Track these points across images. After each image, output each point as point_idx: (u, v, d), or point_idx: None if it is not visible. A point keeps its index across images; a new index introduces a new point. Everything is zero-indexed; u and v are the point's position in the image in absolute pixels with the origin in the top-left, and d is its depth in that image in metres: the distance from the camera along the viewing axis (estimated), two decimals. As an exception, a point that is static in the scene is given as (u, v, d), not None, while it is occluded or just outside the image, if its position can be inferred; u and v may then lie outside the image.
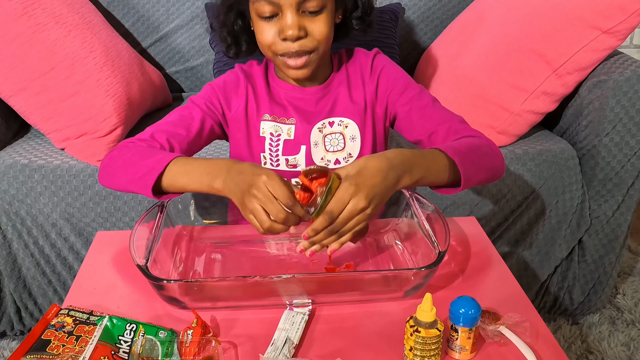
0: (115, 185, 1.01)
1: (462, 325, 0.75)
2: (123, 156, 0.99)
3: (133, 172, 0.95)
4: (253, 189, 0.82)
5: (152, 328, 0.79)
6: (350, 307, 0.86)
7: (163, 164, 0.92)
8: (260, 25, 1.01)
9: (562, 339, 1.64)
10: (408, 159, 0.88)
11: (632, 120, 1.43)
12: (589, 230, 1.59)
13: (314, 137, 1.11)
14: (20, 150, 1.51)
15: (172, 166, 0.92)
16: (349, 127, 1.12)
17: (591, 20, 1.40)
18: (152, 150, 0.99)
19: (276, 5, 0.97)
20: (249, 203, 0.82)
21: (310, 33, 0.99)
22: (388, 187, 0.84)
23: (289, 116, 1.12)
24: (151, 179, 0.91)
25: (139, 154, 0.97)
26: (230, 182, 0.86)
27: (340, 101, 1.12)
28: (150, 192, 0.92)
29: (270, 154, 1.12)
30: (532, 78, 1.47)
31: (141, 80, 1.65)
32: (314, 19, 0.99)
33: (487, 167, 0.98)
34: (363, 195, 0.81)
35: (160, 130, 1.05)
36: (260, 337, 0.80)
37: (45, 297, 1.56)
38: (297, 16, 0.97)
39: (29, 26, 1.42)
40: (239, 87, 1.12)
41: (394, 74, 1.13)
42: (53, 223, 1.46)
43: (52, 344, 0.76)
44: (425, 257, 0.89)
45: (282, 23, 0.98)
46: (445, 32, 1.81)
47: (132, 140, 1.03)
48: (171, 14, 1.91)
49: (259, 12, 0.99)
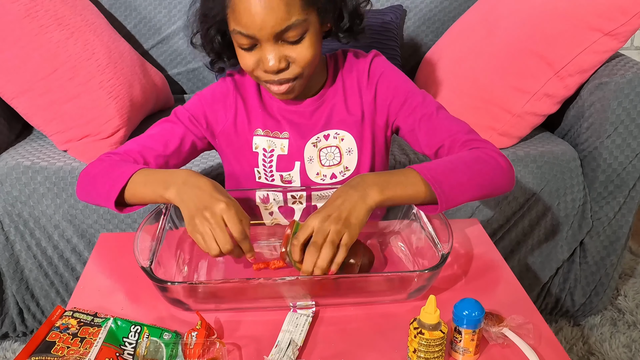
0: (89, 200, 1.01)
1: (465, 327, 0.75)
2: (95, 170, 0.99)
3: (101, 185, 0.95)
4: (207, 211, 0.83)
5: (156, 330, 0.80)
6: (353, 309, 0.87)
7: (127, 175, 0.92)
8: (240, 52, 0.97)
9: (564, 341, 1.64)
10: (372, 179, 0.89)
11: (633, 122, 1.44)
12: (590, 231, 1.60)
13: (308, 153, 1.08)
14: (23, 152, 1.51)
15: (135, 177, 0.92)
16: (345, 139, 1.08)
17: (593, 22, 1.40)
18: (122, 163, 0.98)
19: (253, 38, 0.92)
20: (199, 224, 0.83)
21: (293, 61, 0.95)
22: (353, 203, 0.85)
23: (283, 130, 1.08)
24: (115, 190, 0.92)
25: (109, 167, 0.97)
26: (184, 194, 0.87)
27: (336, 112, 1.08)
28: (113, 205, 0.92)
29: (265, 170, 1.10)
30: (534, 80, 1.48)
31: (143, 82, 1.65)
32: (296, 47, 0.94)
33: (478, 184, 0.93)
34: (325, 214, 0.84)
35: (137, 144, 1.04)
36: (264, 338, 0.80)
37: (48, 298, 1.56)
38: (277, 47, 0.93)
39: (32, 28, 1.43)
40: (227, 99, 1.08)
41: (394, 81, 1.07)
42: (56, 225, 1.46)
43: (56, 345, 0.76)
44: (429, 260, 0.89)
45: (262, 54, 0.94)
46: (447, 34, 1.81)
47: (108, 154, 1.03)
48: (173, 15, 1.91)
49: (237, 43, 0.96)
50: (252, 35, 0.91)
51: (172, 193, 0.88)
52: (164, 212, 0.96)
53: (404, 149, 1.53)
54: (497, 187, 0.97)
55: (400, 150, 1.53)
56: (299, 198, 1.08)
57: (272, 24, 0.89)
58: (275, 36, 0.91)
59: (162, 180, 0.90)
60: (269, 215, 1.10)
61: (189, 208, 0.85)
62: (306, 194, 1.08)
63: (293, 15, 0.90)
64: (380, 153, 1.11)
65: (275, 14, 0.89)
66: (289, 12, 0.89)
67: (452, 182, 0.90)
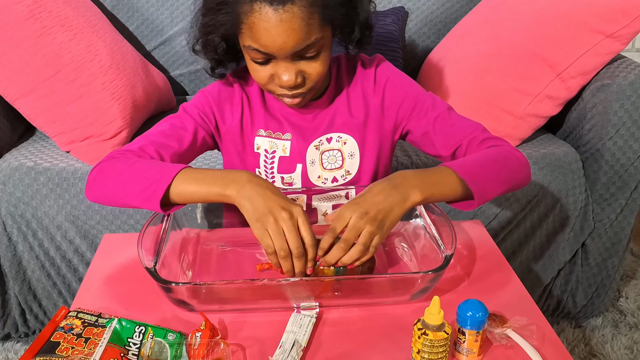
0: (108, 199, 0.96)
1: (469, 328, 0.75)
2: (115, 168, 0.94)
3: (133, 184, 0.90)
4: (283, 212, 0.81)
5: (160, 330, 0.80)
6: (357, 310, 0.87)
7: (172, 173, 0.88)
8: (253, 66, 0.95)
9: (566, 342, 1.64)
10: (414, 178, 0.89)
11: (635, 124, 1.44)
12: (592, 233, 1.60)
13: (310, 155, 1.08)
14: (26, 153, 1.51)
15: (182, 175, 0.89)
16: (348, 143, 1.08)
17: (595, 24, 1.41)
18: (156, 162, 0.95)
19: (269, 54, 0.91)
20: (271, 222, 0.81)
21: (308, 76, 0.94)
22: (393, 204, 0.85)
23: (285, 131, 1.07)
24: (160, 189, 0.87)
25: (141, 166, 0.93)
26: (251, 191, 0.84)
27: (339, 116, 1.07)
28: (158, 204, 0.87)
29: (266, 171, 1.09)
30: (536, 82, 1.48)
31: (146, 83, 1.65)
32: (311, 63, 0.93)
33: (505, 179, 0.96)
34: (363, 210, 0.83)
35: (150, 141, 1.00)
36: (268, 339, 0.80)
37: (50, 299, 1.56)
38: (293, 63, 0.92)
39: (35, 30, 1.43)
40: (234, 98, 1.07)
41: (400, 86, 1.07)
42: (58, 225, 1.46)
43: (61, 345, 0.76)
44: (432, 261, 0.89)
45: (278, 70, 0.93)
46: (449, 37, 1.81)
47: (121, 151, 0.98)
48: (175, 17, 1.92)
49: (251, 56, 0.94)
50: (270, 53, 0.90)
51: (233, 190, 0.85)
52: (167, 213, 0.96)
53: (406, 151, 1.54)
54: (520, 180, 1.00)
55: (403, 152, 1.53)
56: (298, 201, 1.07)
57: (292, 45, 0.88)
58: (293, 55, 0.90)
59: (219, 178, 0.87)
60: None
61: (255, 206, 0.82)
62: (306, 196, 1.08)
63: (313, 34, 0.89)
64: (385, 157, 1.11)
65: (296, 35, 0.87)
66: (309, 32, 0.88)
67: (484, 178, 0.93)
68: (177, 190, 0.88)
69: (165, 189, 0.87)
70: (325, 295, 0.85)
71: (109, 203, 0.97)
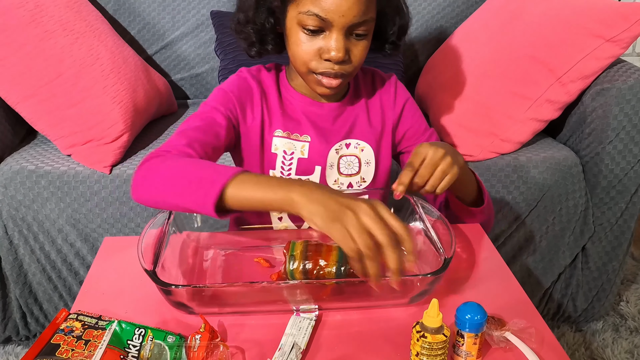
0: (156, 201, 0.88)
1: (468, 330, 0.76)
2: (165, 167, 0.87)
3: (184, 184, 0.83)
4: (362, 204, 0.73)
5: (160, 333, 0.80)
6: (356, 313, 0.87)
7: (227, 175, 0.80)
8: (299, 37, 0.93)
9: (566, 346, 1.64)
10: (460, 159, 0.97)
11: (635, 128, 1.44)
12: (592, 237, 1.60)
13: (331, 159, 1.07)
14: (27, 157, 1.52)
15: (239, 177, 0.80)
16: (365, 150, 1.10)
17: (594, 28, 1.41)
18: (204, 162, 0.88)
19: (326, 23, 0.90)
20: (350, 219, 0.72)
21: (351, 57, 0.94)
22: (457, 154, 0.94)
23: (303, 132, 1.06)
24: (214, 191, 0.78)
25: (189, 165, 0.86)
26: (320, 195, 0.75)
27: (359, 123, 1.09)
28: (213, 207, 0.79)
29: (282, 172, 1.08)
30: (536, 86, 1.48)
31: (147, 87, 1.66)
32: (358, 43, 0.94)
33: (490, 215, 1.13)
34: (440, 147, 0.91)
35: (192, 138, 0.95)
36: (267, 342, 0.80)
37: (51, 302, 1.56)
38: (345, 38, 0.92)
39: (37, 34, 1.44)
40: (253, 98, 1.05)
41: (416, 111, 1.15)
42: (59, 229, 1.47)
43: (61, 348, 0.76)
44: (431, 264, 0.90)
45: (328, 42, 0.92)
46: (449, 40, 1.82)
47: (165, 149, 0.92)
48: (177, 21, 1.92)
49: (302, 23, 0.92)
50: (330, 20, 0.89)
51: (300, 195, 0.75)
52: (168, 216, 0.97)
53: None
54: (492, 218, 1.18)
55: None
56: None
57: (355, 14, 0.89)
58: (350, 27, 0.91)
59: (282, 182, 0.79)
60: (278, 221, 1.11)
61: (328, 207, 0.73)
62: None
63: (370, 10, 0.92)
64: (388, 169, 1.15)
65: (360, 5, 0.89)
66: (368, 7, 0.91)
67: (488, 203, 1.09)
68: (234, 194, 0.79)
69: (219, 190, 0.78)
70: (324, 298, 0.86)
71: (157, 205, 0.89)
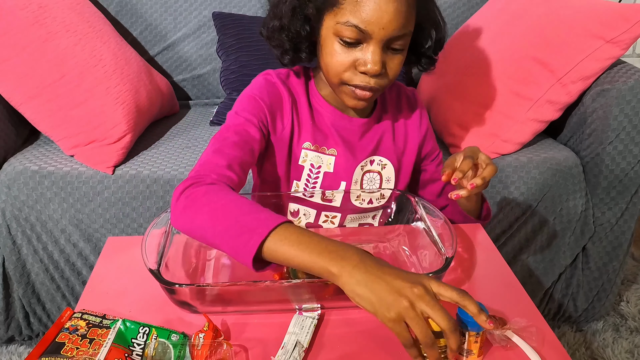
0: (195, 235, 0.84)
1: (469, 329, 0.76)
2: (208, 202, 0.82)
3: (225, 226, 0.78)
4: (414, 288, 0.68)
5: (164, 331, 0.80)
6: (359, 312, 0.87)
7: (270, 226, 0.75)
8: (334, 47, 0.90)
9: (567, 346, 1.65)
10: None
11: (635, 129, 1.45)
12: (592, 237, 1.60)
13: (356, 175, 1.06)
14: (30, 157, 1.52)
15: (281, 230, 0.75)
16: (387, 167, 1.09)
17: (594, 29, 1.42)
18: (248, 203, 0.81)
19: (365, 35, 0.87)
20: (406, 310, 0.66)
21: (387, 71, 0.92)
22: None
23: (330, 146, 1.04)
24: (253, 242, 0.74)
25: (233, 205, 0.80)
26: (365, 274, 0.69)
27: (384, 140, 1.08)
28: (251, 260, 0.74)
29: (307, 185, 1.05)
30: (537, 87, 1.49)
31: (149, 88, 1.66)
32: (394, 57, 0.91)
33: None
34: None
35: (231, 157, 0.91)
36: (270, 340, 0.81)
37: (54, 302, 1.57)
38: (382, 51, 0.89)
39: (40, 35, 1.44)
40: (283, 106, 1.01)
41: (433, 137, 1.17)
42: (62, 229, 1.47)
43: (66, 346, 0.77)
44: (432, 263, 0.90)
45: (365, 55, 0.89)
46: (450, 42, 1.82)
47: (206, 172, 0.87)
48: (178, 22, 1.93)
49: (339, 34, 0.88)
50: (369, 32, 0.86)
51: (342, 271, 0.70)
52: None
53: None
54: None
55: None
56: (331, 218, 1.07)
57: (395, 27, 0.86)
58: (388, 40, 0.88)
59: (325, 249, 0.73)
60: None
61: (377, 292, 0.68)
62: (341, 215, 1.07)
63: (410, 24, 0.89)
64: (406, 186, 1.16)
65: (401, 18, 0.86)
66: (408, 21, 0.88)
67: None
68: (272, 248, 0.74)
69: (259, 243, 0.74)
70: (327, 297, 0.86)
71: (197, 239, 0.85)
